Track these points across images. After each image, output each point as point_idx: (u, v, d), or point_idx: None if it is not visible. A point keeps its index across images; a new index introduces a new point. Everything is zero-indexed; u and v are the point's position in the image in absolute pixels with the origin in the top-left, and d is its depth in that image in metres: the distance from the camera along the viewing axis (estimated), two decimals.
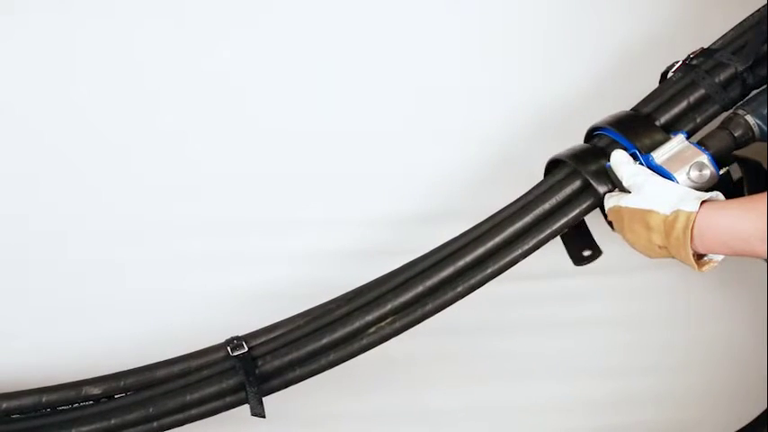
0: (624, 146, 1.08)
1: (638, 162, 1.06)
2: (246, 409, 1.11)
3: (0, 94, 1.24)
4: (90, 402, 1.13)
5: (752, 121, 1.05)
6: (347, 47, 1.30)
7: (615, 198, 1.05)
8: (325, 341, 1.11)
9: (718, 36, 1.14)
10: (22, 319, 1.28)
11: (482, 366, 1.38)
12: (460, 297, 1.11)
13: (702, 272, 1.00)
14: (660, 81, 1.16)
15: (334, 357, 1.11)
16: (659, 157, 1.05)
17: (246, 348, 1.12)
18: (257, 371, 1.11)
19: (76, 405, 1.13)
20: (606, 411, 1.40)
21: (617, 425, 1.40)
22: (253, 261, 1.31)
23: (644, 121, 1.10)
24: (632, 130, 1.09)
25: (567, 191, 1.11)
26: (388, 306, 1.11)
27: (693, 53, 1.14)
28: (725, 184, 1.05)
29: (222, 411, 1.12)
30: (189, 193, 1.29)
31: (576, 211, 1.10)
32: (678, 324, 1.40)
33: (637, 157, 1.06)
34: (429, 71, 1.31)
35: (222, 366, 1.12)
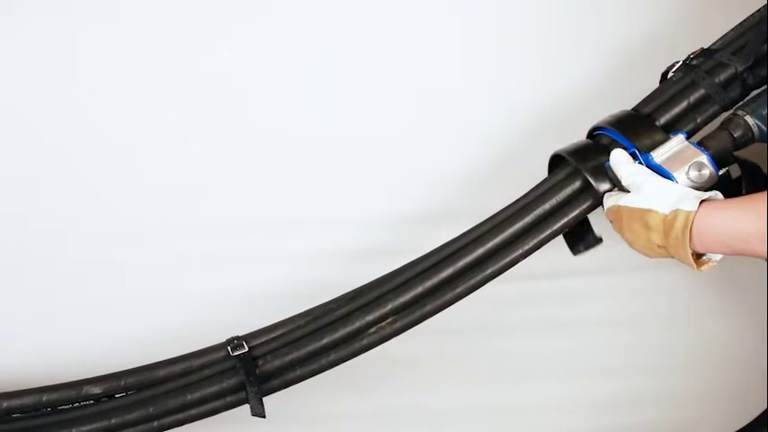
0: (624, 145, 1.08)
1: (637, 161, 1.06)
2: (247, 408, 1.11)
3: (0, 94, 1.24)
4: (90, 402, 1.13)
5: (751, 121, 1.06)
6: (347, 47, 1.30)
7: (614, 197, 1.05)
8: (325, 341, 1.11)
9: (719, 36, 1.14)
10: (22, 319, 1.28)
11: (482, 366, 1.38)
12: (460, 297, 1.11)
13: (701, 271, 1.00)
14: (660, 81, 1.16)
15: (334, 357, 1.11)
16: (659, 156, 1.05)
17: (247, 348, 1.12)
18: (258, 371, 1.11)
19: (77, 404, 1.13)
20: (606, 412, 1.40)
21: (617, 425, 1.40)
22: (253, 261, 1.31)
23: (644, 121, 1.10)
24: (632, 129, 1.09)
25: (568, 191, 1.11)
26: (389, 306, 1.11)
27: (693, 53, 1.14)
28: (725, 183, 1.05)
29: (222, 411, 1.12)
30: (189, 193, 1.29)
31: (577, 211, 1.10)
32: (678, 324, 1.40)
33: (636, 157, 1.06)
34: (429, 71, 1.31)
35: (222, 366, 1.12)
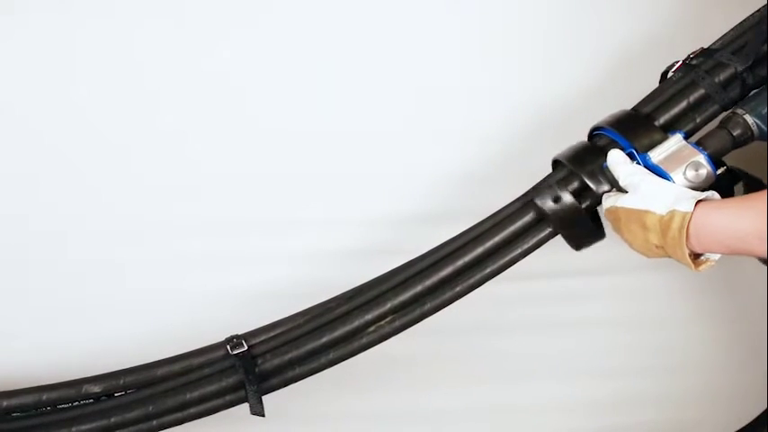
0: (622, 145, 1.08)
1: (635, 162, 1.05)
2: (246, 407, 1.11)
3: (0, 94, 1.25)
4: (90, 401, 1.13)
5: (750, 120, 1.05)
6: (347, 47, 1.30)
7: (612, 198, 1.05)
8: (324, 340, 1.11)
9: (718, 36, 1.14)
10: (22, 319, 1.28)
11: (482, 366, 1.38)
12: (460, 296, 1.11)
13: (700, 271, 1.00)
14: (660, 81, 1.16)
15: (333, 356, 1.11)
16: (656, 156, 1.04)
17: (246, 347, 1.12)
18: (257, 369, 1.11)
19: (76, 403, 1.13)
20: (606, 412, 1.40)
21: (617, 425, 1.40)
22: (253, 261, 1.31)
23: (643, 121, 1.10)
24: (631, 129, 1.09)
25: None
26: (388, 305, 1.11)
27: (693, 53, 1.14)
28: (724, 183, 1.05)
29: (222, 410, 1.12)
30: (189, 193, 1.29)
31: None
32: (678, 324, 1.40)
33: (634, 157, 1.06)
34: (429, 71, 1.31)
35: (222, 365, 1.12)
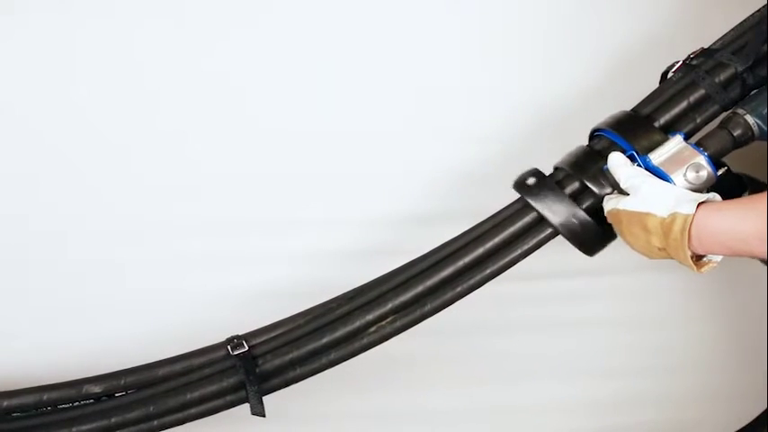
0: (623, 147, 1.08)
1: (635, 164, 1.05)
2: (246, 407, 1.11)
3: (0, 94, 1.24)
4: (90, 401, 1.13)
5: (751, 120, 1.05)
6: (347, 47, 1.30)
7: (614, 201, 1.05)
8: (325, 340, 1.11)
9: (719, 36, 1.14)
10: (22, 319, 1.28)
11: (482, 367, 1.37)
12: (460, 297, 1.11)
13: (702, 273, 1.00)
14: (660, 81, 1.16)
15: (334, 356, 1.11)
16: (656, 158, 1.04)
17: (247, 347, 1.12)
18: (257, 370, 1.11)
19: (77, 403, 1.13)
20: (607, 412, 1.40)
21: (618, 425, 1.40)
22: (253, 261, 1.31)
23: (643, 123, 1.10)
24: (631, 131, 1.09)
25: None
26: (389, 305, 1.11)
27: (693, 53, 1.14)
28: (729, 185, 1.04)
29: (222, 410, 1.12)
30: (189, 193, 1.29)
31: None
32: (678, 324, 1.40)
33: (634, 159, 1.06)
34: (429, 71, 1.31)
35: (222, 365, 1.12)
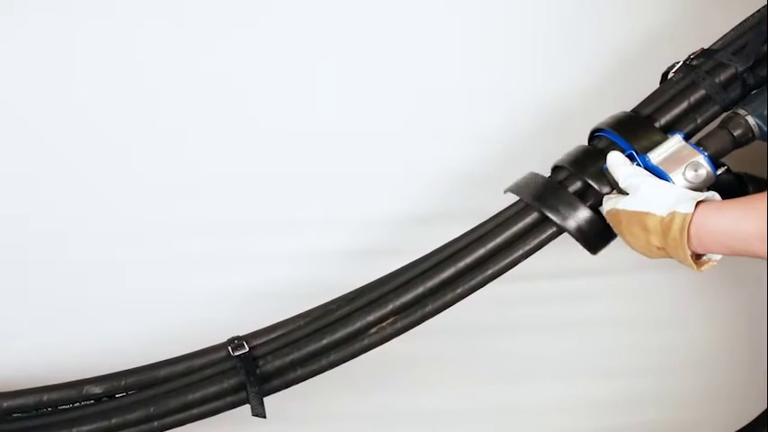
0: (622, 147, 1.08)
1: (635, 163, 1.05)
2: (247, 409, 1.11)
3: (0, 94, 1.24)
4: (91, 402, 1.13)
5: (752, 121, 1.05)
6: (347, 47, 1.30)
7: (613, 201, 1.05)
8: (325, 341, 1.11)
9: (719, 36, 1.14)
10: (22, 319, 1.28)
11: (483, 367, 1.37)
12: (461, 298, 1.11)
13: (702, 272, 1.00)
14: (660, 82, 1.16)
15: (335, 358, 1.11)
16: (655, 157, 1.04)
17: (247, 348, 1.12)
18: (258, 371, 1.11)
19: (77, 404, 1.13)
20: (607, 412, 1.40)
21: (618, 425, 1.40)
22: (253, 261, 1.31)
23: (643, 123, 1.10)
24: (631, 131, 1.09)
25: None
26: (389, 306, 1.11)
27: (694, 54, 1.14)
28: (729, 184, 1.04)
29: (223, 411, 1.12)
30: (189, 193, 1.29)
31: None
32: (679, 324, 1.40)
33: (634, 159, 1.06)
34: (429, 71, 1.31)
35: (223, 366, 1.12)
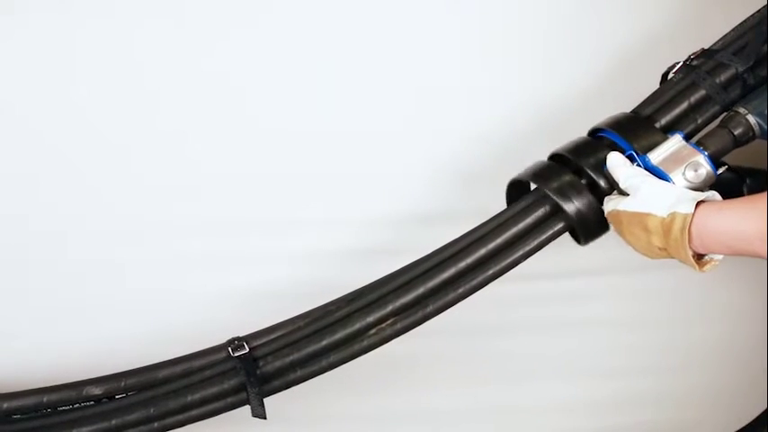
0: (622, 147, 1.08)
1: (635, 163, 1.05)
2: (247, 409, 1.11)
3: (0, 94, 1.24)
4: (91, 403, 1.13)
5: (753, 120, 1.05)
6: (347, 47, 1.30)
7: (614, 202, 1.05)
8: (325, 342, 1.10)
9: (719, 36, 1.14)
10: (22, 319, 1.28)
11: (484, 367, 1.37)
12: (462, 298, 1.11)
13: (704, 272, 1.00)
14: (661, 82, 1.16)
15: (335, 358, 1.11)
16: (655, 157, 1.04)
17: (248, 349, 1.12)
18: (258, 372, 1.11)
19: (77, 405, 1.13)
20: (607, 412, 1.40)
21: (618, 425, 1.40)
22: (253, 261, 1.31)
23: (643, 123, 1.10)
24: (631, 131, 1.09)
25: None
26: (389, 307, 1.10)
27: (694, 54, 1.14)
28: (729, 183, 1.04)
29: (223, 412, 1.12)
30: (189, 193, 1.29)
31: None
32: (679, 324, 1.40)
33: (634, 159, 1.06)
34: (429, 71, 1.31)
35: (223, 367, 1.12)
